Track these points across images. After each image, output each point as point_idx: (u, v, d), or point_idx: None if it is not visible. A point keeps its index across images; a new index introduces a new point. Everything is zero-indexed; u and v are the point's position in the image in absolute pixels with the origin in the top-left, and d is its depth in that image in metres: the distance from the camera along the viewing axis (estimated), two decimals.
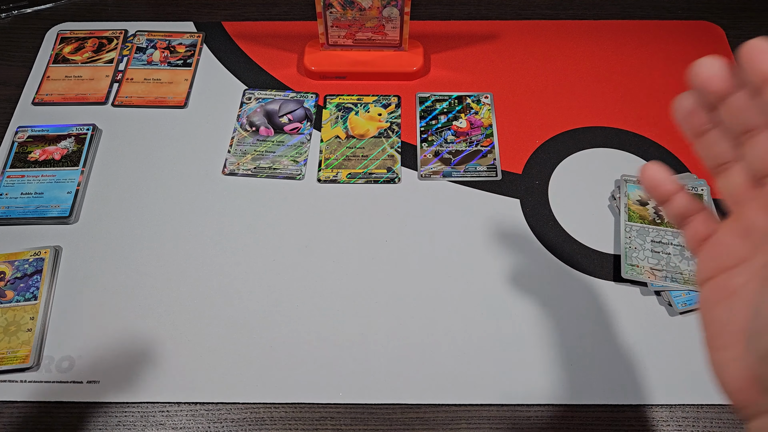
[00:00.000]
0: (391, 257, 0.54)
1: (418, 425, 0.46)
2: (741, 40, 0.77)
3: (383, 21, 0.62)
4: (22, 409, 0.47)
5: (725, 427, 0.46)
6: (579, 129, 0.62)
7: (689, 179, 0.57)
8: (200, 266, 0.54)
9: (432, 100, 0.64)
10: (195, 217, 0.56)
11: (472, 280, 0.53)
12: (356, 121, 0.63)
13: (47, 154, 0.60)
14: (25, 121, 0.63)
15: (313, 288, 0.52)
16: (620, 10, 0.72)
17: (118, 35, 0.69)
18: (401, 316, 0.51)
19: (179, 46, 0.68)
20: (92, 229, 0.56)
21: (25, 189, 0.57)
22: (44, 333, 0.50)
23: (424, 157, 0.60)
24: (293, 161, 0.60)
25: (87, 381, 0.48)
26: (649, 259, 0.52)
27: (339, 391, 0.48)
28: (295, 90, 0.65)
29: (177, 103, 0.64)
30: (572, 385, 0.48)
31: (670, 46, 0.68)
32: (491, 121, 0.63)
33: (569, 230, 0.56)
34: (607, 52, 0.68)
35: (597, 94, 0.65)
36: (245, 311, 0.51)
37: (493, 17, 0.72)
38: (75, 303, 0.52)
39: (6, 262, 0.53)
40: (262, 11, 0.73)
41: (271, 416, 0.47)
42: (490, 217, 0.56)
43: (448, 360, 0.49)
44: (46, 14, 0.72)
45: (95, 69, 0.67)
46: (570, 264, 0.54)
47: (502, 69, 0.67)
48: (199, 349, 0.49)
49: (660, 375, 0.48)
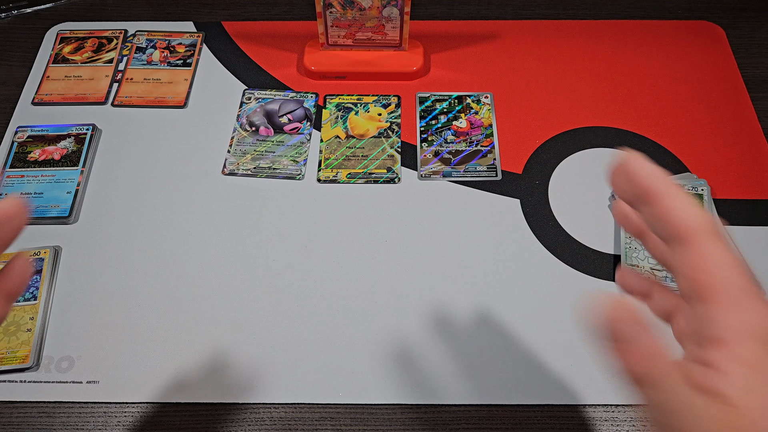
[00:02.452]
0: (391, 257, 0.54)
1: (418, 425, 0.46)
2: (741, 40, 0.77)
3: (383, 21, 0.62)
4: (21, 409, 0.47)
5: None
6: (579, 129, 0.62)
7: (689, 179, 0.57)
8: (200, 266, 0.54)
9: (432, 100, 0.64)
10: (195, 217, 0.56)
11: (471, 280, 0.53)
12: (356, 121, 0.63)
13: (47, 154, 0.60)
14: (25, 121, 0.63)
15: (313, 288, 0.52)
16: (620, 10, 0.72)
17: (118, 35, 0.69)
18: (401, 316, 0.51)
19: (179, 45, 0.68)
20: (92, 229, 0.56)
21: (24, 189, 0.57)
22: (44, 333, 0.50)
23: (424, 157, 0.60)
24: (293, 161, 0.60)
25: (87, 381, 0.48)
26: (649, 259, 0.52)
27: (339, 391, 0.47)
28: (295, 90, 0.65)
29: (177, 103, 0.64)
30: (572, 385, 0.48)
31: (670, 46, 0.68)
32: (491, 121, 0.63)
33: (569, 230, 0.56)
34: (607, 52, 0.68)
35: (597, 94, 0.65)
36: (245, 311, 0.51)
37: (493, 17, 0.72)
38: (75, 303, 0.52)
39: (5, 262, 0.53)
40: (262, 11, 0.73)
41: (270, 416, 0.47)
42: (490, 217, 0.56)
43: (448, 360, 0.49)
44: (46, 14, 0.72)
45: (95, 69, 0.67)
46: (570, 264, 0.54)
47: (502, 69, 0.67)
48: (199, 349, 0.49)
49: None
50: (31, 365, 0.48)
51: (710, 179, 0.57)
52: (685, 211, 0.24)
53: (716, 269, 0.23)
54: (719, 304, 0.23)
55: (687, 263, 0.24)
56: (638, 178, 0.25)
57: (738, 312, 0.23)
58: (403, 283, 0.53)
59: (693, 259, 0.24)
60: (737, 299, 0.23)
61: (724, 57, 0.67)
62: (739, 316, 0.23)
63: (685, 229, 0.24)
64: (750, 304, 0.23)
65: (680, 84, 0.65)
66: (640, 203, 0.25)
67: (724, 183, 0.58)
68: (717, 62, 0.67)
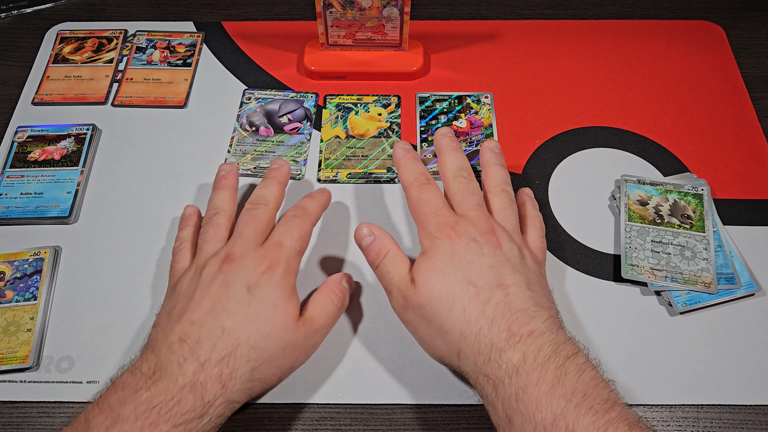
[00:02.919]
0: None
1: (418, 425, 0.46)
2: (741, 40, 0.77)
3: (383, 21, 0.62)
4: (21, 409, 0.47)
5: (725, 427, 0.46)
6: (579, 129, 0.62)
7: (689, 179, 0.57)
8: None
9: (432, 100, 0.64)
10: None
11: None
12: (356, 121, 0.63)
13: (47, 154, 0.60)
14: (25, 121, 0.63)
15: (312, 288, 0.52)
16: (620, 10, 0.72)
17: (118, 35, 0.69)
18: None
19: (179, 45, 0.68)
20: (92, 229, 0.56)
21: (24, 189, 0.57)
22: (44, 333, 0.50)
23: (424, 157, 0.60)
24: (293, 161, 0.60)
25: (87, 381, 0.48)
26: (649, 259, 0.52)
27: (339, 391, 0.47)
28: (295, 90, 0.65)
29: (177, 103, 0.64)
30: None
31: (670, 46, 0.68)
32: (491, 121, 0.63)
33: (569, 230, 0.56)
34: (607, 52, 0.68)
35: (597, 94, 0.65)
36: None
37: (493, 17, 0.72)
38: (75, 303, 0.52)
39: (5, 262, 0.53)
40: (262, 11, 0.73)
41: (270, 416, 0.47)
42: None
43: None
44: (46, 14, 0.72)
45: (95, 69, 0.67)
46: (570, 264, 0.54)
47: (502, 69, 0.67)
48: None
49: (660, 375, 0.48)
50: (31, 365, 0.48)
51: (710, 179, 0.57)
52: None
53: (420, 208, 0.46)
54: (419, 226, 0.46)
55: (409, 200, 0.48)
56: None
57: (423, 231, 0.45)
58: None
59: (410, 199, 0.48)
60: (424, 226, 0.45)
61: (724, 57, 0.67)
62: (423, 233, 0.45)
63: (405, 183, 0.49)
64: (428, 229, 0.44)
65: (680, 84, 0.65)
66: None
67: (724, 183, 0.58)
68: (717, 62, 0.67)
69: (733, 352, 0.49)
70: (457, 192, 0.47)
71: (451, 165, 0.49)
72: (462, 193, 0.46)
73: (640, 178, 0.56)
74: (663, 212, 0.54)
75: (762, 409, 0.47)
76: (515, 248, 0.43)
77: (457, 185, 0.47)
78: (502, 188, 0.49)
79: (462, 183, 0.47)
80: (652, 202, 0.55)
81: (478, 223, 0.44)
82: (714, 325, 0.50)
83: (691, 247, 0.52)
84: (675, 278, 0.51)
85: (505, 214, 0.47)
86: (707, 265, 0.51)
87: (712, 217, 0.54)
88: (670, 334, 0.50)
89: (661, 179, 0.57)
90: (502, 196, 0.48)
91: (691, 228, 0.53)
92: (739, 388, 0.47)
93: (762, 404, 0.47)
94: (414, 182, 0.47)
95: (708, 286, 0.50)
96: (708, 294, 0.50)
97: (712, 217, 0.54)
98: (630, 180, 0.56)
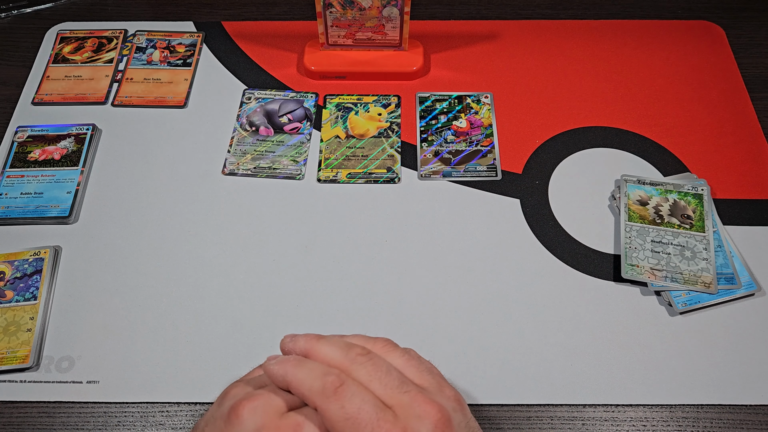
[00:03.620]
0: (391, 257, 0.54)
1: None
2: (741, 40, 0.77)
3: (383, 21, 0.62)
4: (21, 409, 0.47)
5: (725, 427, 0.46)
6: (579, 129, 0.62)
7: (689, 179, 0.57)
8: (200, 266, 0.54)
9: (432, 100, 0.64)
10: (195, 217, 0.56)
11: (471, 280, 0.53)
12: (356, 121, 0.63)
13: (47, 154, 0.60)
14: (25, 120, 0.63)
15: (313, 288, 0.52)
16: (620, 10, 0.72)
17: (118, 35, 0.69)
18: (401, 316, 0.51)
19: (179, 45, 0.68)
20: (92, 229, 0.56)
21: (24, 189, 0.57)
22: (44, 333, 0.50)
23: (424, 156, 0.60)
24: (293, 161, 0.60)
25: (87, 381, 0.48)
26: (649, 259, 0.52)
27: None
28: (295, 90, 0.65)
29: (177, 103, 0.64)
30: (572, 385, 0.48)
31: (670, 46, 0.68)
32: (491, 120, 0.63)
33: (569, 230, 0.56)
34: (607, 52, 0.68)
35: (597, 94, 0.65)
36: (245, 311, 0.51)
37: (493, 17, 0.72)
38: (75, 303, 0.52)
39: (5, 262, 0.53)
40: (262, 11, 0.73)
41: None
42: (490, 217, 0.56)
43: (447, 360, 0.49)
44: (45, 14, 0.72)
45: (95, 69, 0.67)
46: (570, 264, 0.54)
47: (502, 69, 0.67)
48: (199, 349, 0.49)
49: (660, 375, 0.48)
50: (31, 365, 0.48)
51: (710, 179, 0.57)
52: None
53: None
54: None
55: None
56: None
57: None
58: (402, 283, 0.53)
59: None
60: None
61: (724, 57, 0.67)
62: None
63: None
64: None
65: (680, 84, 0.65)
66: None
67: (724, 183, 0.58)
68: (717, 62, 0.67)
69: (733, 352, 0.49)
70: (367, 378, 0.33)
71: (332, 354, 0.35)
72: (372, 378, 0.33)
73: (640, 178, 0.56)
74: (663, 212, 0.54)
75: (762, 409, 0.47)
76: (461, 417, 0.34)
77: (361, 370, 0.34)
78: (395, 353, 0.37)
79: (366, 365, 0.34)
80: (652, 202, 0.55)
81: (425, 414, 0.31)
82: (714, 325, 0.50)
83: (691, 247, 0.52)
84: (675, 278, 0.51)
85: (420, 374, 0.36)
86: (707, 265, 0.51)
87: (712, 217, 0.54)
88: (670, 334, 0.50)
89: (661, 179, 0.57)
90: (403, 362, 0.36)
91: (691, 228, 0.53)
92: (739, 388, 0.47)
93: (762, 404, 0.47)
94: (323, 390, 0.32)
95: (708, 286, 0.50)
96: (708, 294, 0.50)
97: (712, 217, 0.54)
98: (630, 180, 0.56)
